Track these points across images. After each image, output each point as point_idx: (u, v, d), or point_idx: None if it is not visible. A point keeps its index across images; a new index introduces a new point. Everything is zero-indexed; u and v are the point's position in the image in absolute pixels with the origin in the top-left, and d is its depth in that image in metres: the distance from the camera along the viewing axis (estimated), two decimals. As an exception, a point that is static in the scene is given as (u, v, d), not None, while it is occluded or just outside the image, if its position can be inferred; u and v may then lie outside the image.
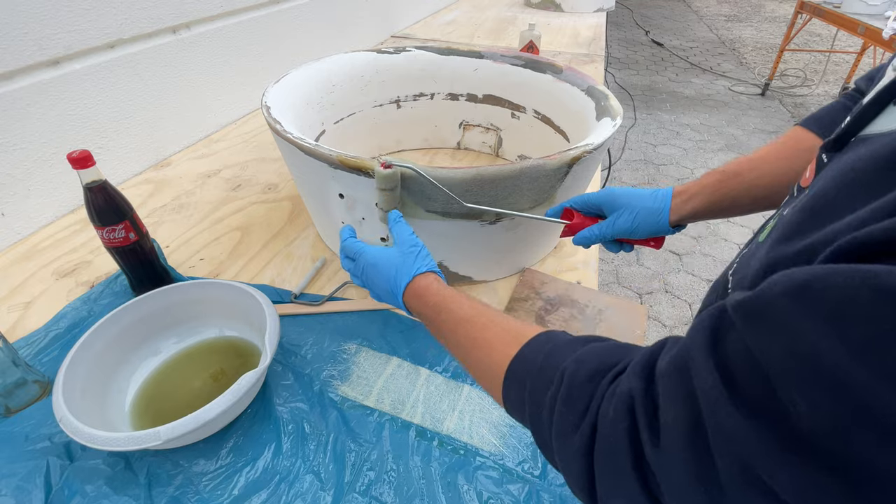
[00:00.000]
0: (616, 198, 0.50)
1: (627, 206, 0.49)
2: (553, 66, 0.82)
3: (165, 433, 0.40)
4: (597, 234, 0.51)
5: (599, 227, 0.51)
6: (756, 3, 6.59)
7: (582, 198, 0.54)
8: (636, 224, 0.49)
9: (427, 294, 0.40)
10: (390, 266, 0.43)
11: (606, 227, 0.50)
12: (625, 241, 0.52)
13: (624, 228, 0.49)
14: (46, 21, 0.69)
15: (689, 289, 1.77)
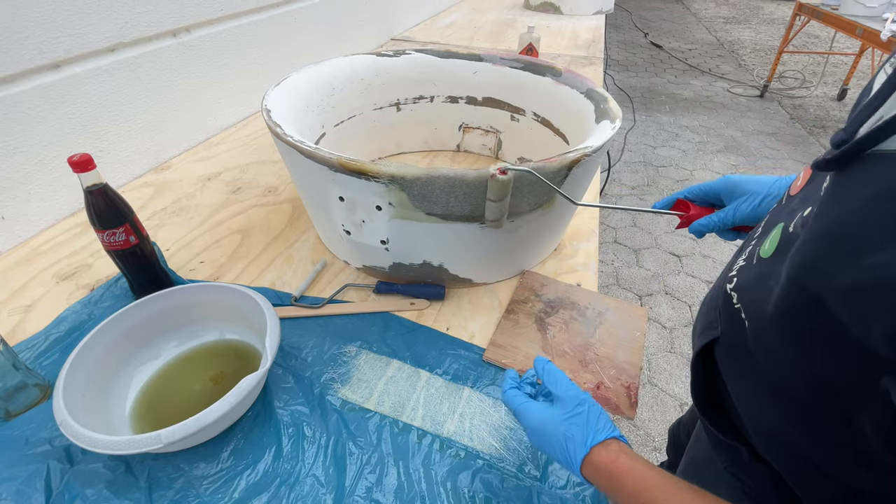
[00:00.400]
0: (737, 184, 0.51)
1: (750, 193, 0.49)
2: (552, 68, 0.82)
3: (166, 436, 0.40)
4: (716, 222, 0.51)
5: (719, 214, 0.51)
6: (754, 5, 6.61)
7: (698, 187, 0.54)
8: (759, 211, 0.48)
9: (618, 475, 0.34)
10: (557, 434, 0.37)
11: (728, 213, 0.50)
12: (740, 228, 0.52)
13: (746, 214, 0.49)
14: (47, 25, 0.70)
15: (689, 290, 1.77)
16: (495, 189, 0.48)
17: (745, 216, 0.49)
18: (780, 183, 0.49)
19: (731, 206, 0.50)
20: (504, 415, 0.50)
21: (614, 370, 0.54)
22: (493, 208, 0.51)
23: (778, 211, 0.38)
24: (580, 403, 0.38)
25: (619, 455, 0.35)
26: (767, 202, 0.48)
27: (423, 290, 0.64)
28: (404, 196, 0.52)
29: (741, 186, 0.50)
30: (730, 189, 0.51)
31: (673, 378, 1.43)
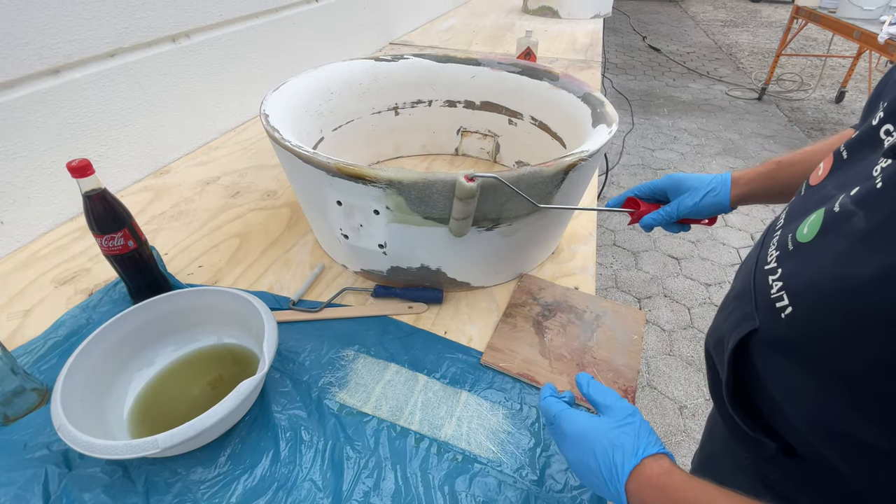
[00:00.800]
0: (680, 182, 0.57)
1: (692, 189, 0.55)
2: (549, 73, 0.82)
3: (163, 441, 0.40)
4: (663, 216, 0.57)
5: (666, 209, 0.57)
6: (752, 9, 6.64)
7: (645, 185, 0.60)
8: (701, 205, 0.55)
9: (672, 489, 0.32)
10: (604, 441, 0.35)
11: (672, 208, 0.56)
12: (684, 221, 0.58)
13: (688, 209, 0.55)
14: (46, 31, 0.70)
15: (687, 293, 1.77)
16: (460, 192, 0.49)
17: (689, 210, 0.55)
18: (718, 179, 0.56)
19: (676, 201, 0.57)
20: (502, 418, 0.50)
21: (612, 373, 0.55)
22: (457, 206, 0.51)
23: (803, 201, 0.40)
24: (632, 415, 0.37)
25: (673, 469, 0.33)
26: (709, 197, 0.55)
27: (421, 294, 0.64)
28: (402, 200, 0.52)
29: (685, 183, 0.56)
30: (674, 186, 0.57)
31: (672, 381, 1.43)
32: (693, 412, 1.34)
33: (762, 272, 0.40)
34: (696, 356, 1.51)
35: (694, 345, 1.55)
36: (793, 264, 0.36)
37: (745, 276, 0.44)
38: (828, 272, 0.31)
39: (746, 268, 0.45)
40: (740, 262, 1.91)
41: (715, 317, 0.51)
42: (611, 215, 2.23)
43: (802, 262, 0.35)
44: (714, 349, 0.47)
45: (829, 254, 0.32)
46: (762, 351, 0.39)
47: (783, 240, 0.39)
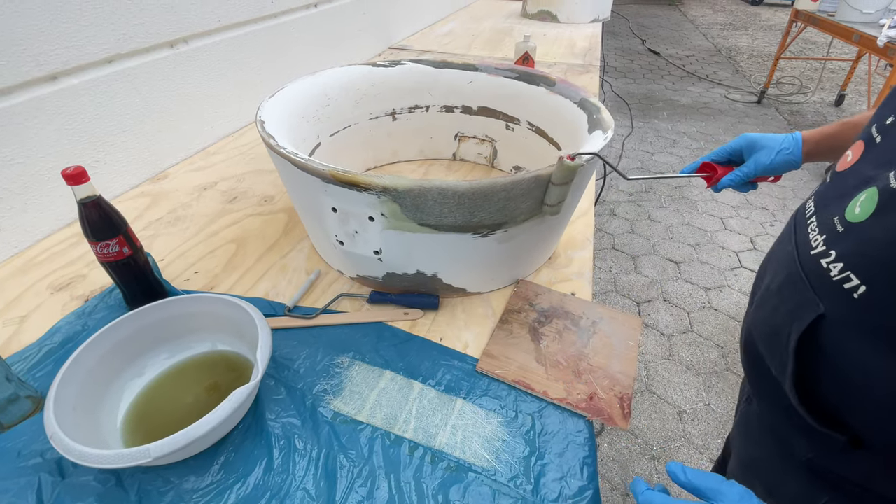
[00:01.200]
0: (755, 141, 0.60)
1: (767, 147, 0.59)
2: (546, 78, 0.82)
3: (155, 451, 0.39)
4: (741, 176, 0.61)
5: (742, 169, 0.61)
6: (751, 12, 6.66)
7: (722, 149, 0.65)
8: (775, 162, 0.59)
9: None
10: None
11: (749, 167, 0.60)
12: (754, 180, 0.62)
13: (765, 166, 0.59)
14: (44, 37, 0.70)
15: (687, 297, 1.77)
16: (561, 173, 0.51)
17: (764, 167, 0.59)
18: (790, 138, 0.59)
19: (752, 159, 0.60)
20: (497, 426, 0.50)
21: (608, 380, 0.54)
22: (554, 192, 0.53)
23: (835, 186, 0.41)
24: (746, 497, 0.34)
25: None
26: (783, 154, 0.59)
27: (417, 300, 0.64)
28: (396, 207, 0.52)
29: (759, 142, 0.60)
30: (749, 145, 0.61)
31: (671, 386, 1.42)
32: (692, 417, 1.33)
33: (810, 258, 0.40)
34: (696, 361, 1.51)
35: (693, 349, 1.55)
36: (848, 244, 0.36)
37: (787, 266, 0.44)
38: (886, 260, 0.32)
39: (783, 258, 0.45)
40: (740, 266, 1.92)
41: (752, 313, 0.51)
42: (609, 219, 2.23)
43: (861, 240, 0.35)
44: (766, 344, 0.46)
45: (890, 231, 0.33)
46: (833, 336, 0.39)
47: (826, 223, 0.39)
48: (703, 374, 1.46)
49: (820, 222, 0.40)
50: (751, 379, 0.53)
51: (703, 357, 1.51)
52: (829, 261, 0.38)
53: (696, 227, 2.16)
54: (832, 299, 0.37)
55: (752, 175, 0.60)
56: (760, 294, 0.50)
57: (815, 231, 0.41)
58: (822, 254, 0.39)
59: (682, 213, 2.27)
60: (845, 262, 0.36)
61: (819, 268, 0.39)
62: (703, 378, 1.44)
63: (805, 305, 0.40)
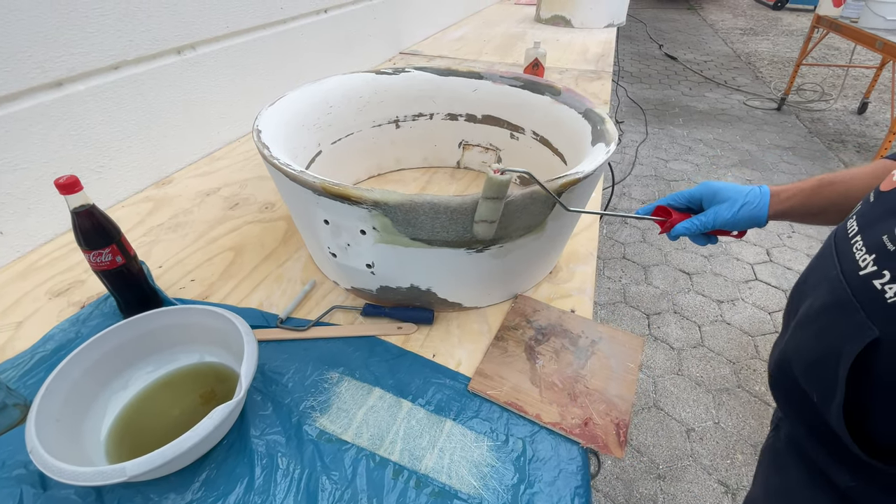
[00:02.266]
0: (717, 191, 0.55)
1: (729, 200, 0.54)
2: (551, 87, 0.81)
3: (131, 469, 0.39)
4: (697, 226, 0.55)
5: (700, 219, 0.55)
6: (773, 17, 6.52)
7: (679, 194, 0.59)
8: (738, 217, 0.53)
9: None
10: None
11: (708, 218, 0.54)
12: (713, 233, 0.57)
13: (725, 220, 0.53)
14: (50, 44, 0.71)
15: (698, 310, 1.72)
16: (489, 188, 0.46)
17: (725, 221, 0.54)
18: (756, 192, 0.54)
19: (711, 210, 0.55)
20: (486, 451, 0.48)
21: (604, 405, 0.52)
22: (484, 208, 0.48)
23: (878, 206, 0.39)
24: None
25: None
26: (746, 209, 0.53)
27: (412, 314, 0.63)
28: (388, 221, 0.51)
29: (721, 193, 0.55)
30: (710, 195, 0.56)
31: (680, 402, 1.38)
32: (701, 436, 1.29)
33: (859, 279, 0.38)
34: (706, 376, 1.47)
35: (704, 364, 1.51)
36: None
37: (832, 288, 0.41)
38: None
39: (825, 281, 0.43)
40: (755, 278, 1.86)
41: (787, 339, 0.48)
42: (620, 228, 2.19)
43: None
44: (808, 370, 0.44)
45: None
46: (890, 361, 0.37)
47: (875, 242, 0.37)
48: (713, 390, 1.42)
49: (867, 242, 0.38)
50: (784, 406, 0.50)
51: (713, 373, 1.47)
52: (884, 282, 0.36)
53: (710, 238, 2.11)
54: (888, 322, 0.35)
55: (710, 227, 0.55)
56: (799, 318, 0.47)
57: (861, 251, 0.39)
58: (873, 274, 0.37)
59: (696, 223, 2.22)
60: None
61: (871, 289, 0.37)
62: (714, 395, 1.40)
63: (857, 330, 0.38)
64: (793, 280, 1.86)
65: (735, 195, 0.54)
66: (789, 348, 0.47)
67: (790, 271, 1.90)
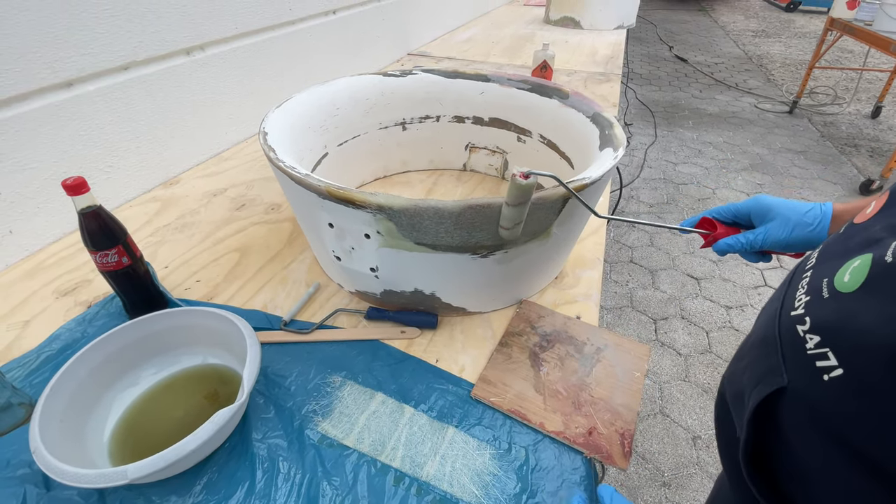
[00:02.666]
0: (770, 207, 0.49)
1: (783, 218, 0.48)
2: (559, 90, 0.80)
3: (133, 472, 0.39)
4: (744, 244, 0.50)
5: (748, 237, 0.50)
6: (785, 19, 6.45)
7: (726, 208, 0.54)
8: (791, 238, 0.47)
9: None
10: None
11: (757, 237, 0.49)
12: (766, 251, 0.51)
13: (777, 240, 0.48)
14: (60, 44, 0.71)
15: (706, 315, 1.70)
16: (514, 194, 0.45)
17: (776, 241, 0.48)
18: (816, 211, 0.47)
19: (762, 228, 0.49)
20: (488, 459, 0.48)
21: (609, 414, 0.52)
22: (508, 214, 0.47)
23: (843, 240, 0.35)
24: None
25: None
26: (800, 231, 0.47)
27: (415, 318, 0.62)
28: (392, 226, 0.50)
29: (775, 210, 0.49)
30: (762, 212, 0.50)
31: (686, 409, 1.37)
32: (708, 443, 1.27)
33: (788, 319, 0.35)
34: (713, 383, 1.45)
35: (711, 371, 1.49)
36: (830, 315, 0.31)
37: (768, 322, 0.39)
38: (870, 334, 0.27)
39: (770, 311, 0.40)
40: (764, 284, 1.84)
41: (731, 362, 0.47)
42: (628, 231, 2.17)
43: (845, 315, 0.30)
44: (732, 402, 0.42)
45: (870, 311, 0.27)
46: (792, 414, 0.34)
47: (815, 283, 0.34)
48: (720, 397, 1.40)
49: (811, 281, 0.35)
50: (717, 435, 0.48)
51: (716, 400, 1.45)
52: (805, 329, 0.33)
53: (719, 242, 2.09)
54: (799, 374, 0.33)
55: (757, 247, 0.49)
56: (740, 347, 0.45)
57: (802, 290, 0.35)
58: (798, 318, 0.34)
59: (705, 227, 2.19)
60: (822, 335, 0.31)
61: (794, 334, 0.34)
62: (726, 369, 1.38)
63: (771, 372, 0.35)
64: (803, 286, 1.83)
65: (789, 214, 0.48)
66: (725, 376, 0.46)
67: (800, 277, 1.87)
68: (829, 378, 0.29)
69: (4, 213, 0.70)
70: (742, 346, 0.44)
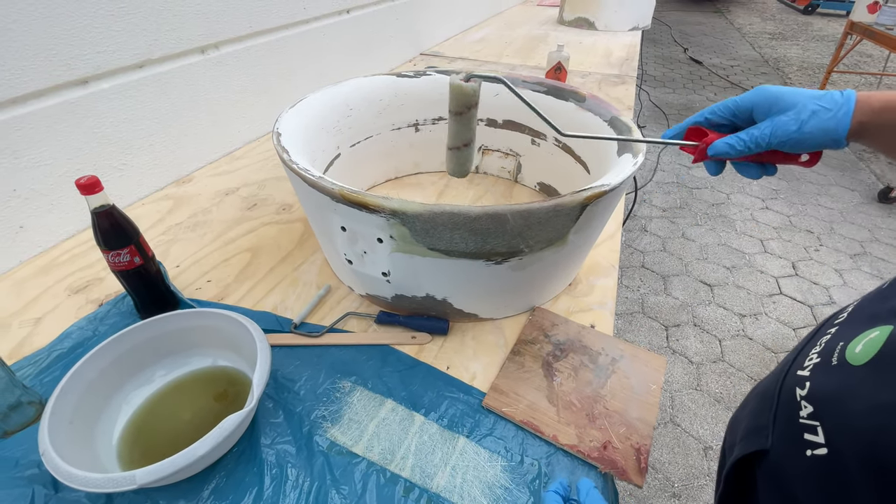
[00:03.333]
0: (778, 95, 0.38)
1: (795, 105, 0.38)
2: (576, 94, 0.78)
3: (141, 477, 0.38)
4: (747, 141, 0.39)
5: (750, 132, 0.39)
6: (802, 21, 6.34)
7: (723, 104, 0.42)
8: (805, 129, 0.37)
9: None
10: None
11: (762, 131, 0.38)
12: (769, 157, 0.41)
13: (788, 133, 0.37)
14: (76, 42, 0.72)
15: (719, 323, 1.68)
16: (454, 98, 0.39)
17: (786, 135, 0.37)
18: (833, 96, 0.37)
19: (768, 121, 0.38)
20: (500, 471, 0.47)
21: (624, 428, 0.50)
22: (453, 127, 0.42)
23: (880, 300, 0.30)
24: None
25: None
26: (818, 119, 0.37)
27: (426, 324, 0.61)
28: (406, 231, 0.49)
29: (785, 98, 0.38)
30: (768, 102, 0.39)
31: (697, 418, 1.34)
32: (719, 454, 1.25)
33: (793, 378, 0.32)
34: (725, 392, 1.42)
35: (724, 380, 1.46)
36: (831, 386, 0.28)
37: (776, 373, 0.36)
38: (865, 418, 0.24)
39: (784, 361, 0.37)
40: (779, 292, 1.80)
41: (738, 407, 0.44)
42: (640, 236, 2.14)
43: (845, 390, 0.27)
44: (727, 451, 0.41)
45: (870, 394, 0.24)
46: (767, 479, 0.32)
47: (831, 346, 0.30)
48: (732, 407, 1.37)
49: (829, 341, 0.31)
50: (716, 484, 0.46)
51: (733, 390, 1.42)
52: (802, 394, 0.30)
53: (734, 249, 2.05)
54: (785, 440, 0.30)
55: (764, 144, 0.38)
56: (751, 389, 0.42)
57: (818, 348, 0.32)
58: (801, 381, 0.30)
59: (719, 233, 2.16)
60: (815, 406, 0.28)
61: (793, 395, 0.31)
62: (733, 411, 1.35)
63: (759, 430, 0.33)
64: (819, 296, 1.79)
65: (803, 100, 0.38)
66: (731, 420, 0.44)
67: (816, 286, 1.84)
68: (812, 455, 0.27)
69: (19, 209, 0.71)
70: (752, 391, 0.42)
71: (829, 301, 1.75)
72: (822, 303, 1.75)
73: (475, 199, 0.91)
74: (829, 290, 1.82)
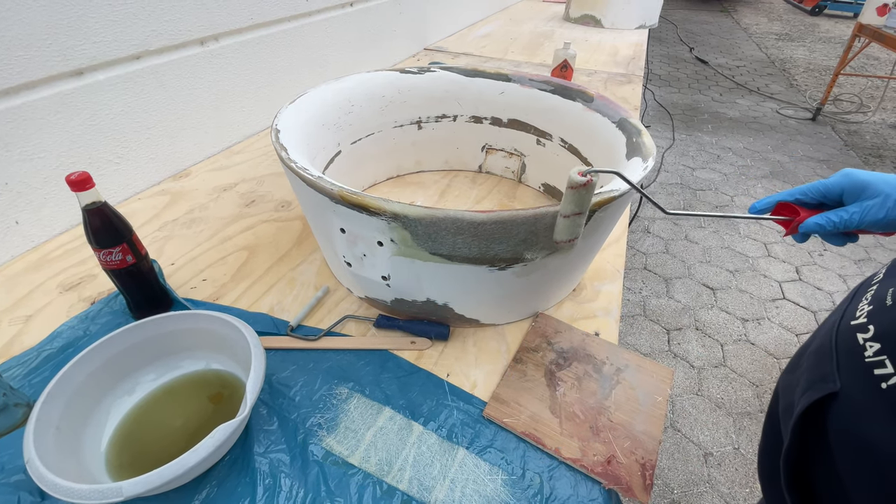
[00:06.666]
0: (864, 184, 0.43)
1: (881, 193, 0.43)
2: (583, 93, 0.77)
3: (128, 489, 0.37)
4: (837, 223, 0.44)
5: (840, 215, 0.44)
6: (810, 22, 6.29)
7: (812, 186, 0.47)
8: (891, 216, 0.42)
9: None
10: None
11: (852, 216, 0.43)
12: (854, 231, 0.46)
13: (876, 219, 0.42)
14: (71, 32, 0.70)
15: (721, 327, 1.66)
16: (573, 200, 0.39)
17: (875, 220, 0.42)
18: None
19: (858, 206, 0.43)
20: (500, 485, 0.45)
21: (629, 441, 0.49)
22: (563, 225, 0.42)
23: None
24: None
25: None
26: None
27: (426, 329, 0.60)
28: (407, 235, 0.48)
29: (870, 186, 0.43)
30: (855, 189, 0.44)
31: (698, 423, 1.33)
32: (719, 461, 1.24)
33: (847, 328, 0.35)
34: (727, 398, 1.41)
35: (725, 385, 1.45)
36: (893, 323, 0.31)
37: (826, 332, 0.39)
38: None
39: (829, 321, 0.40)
40: (782, 297, 1.79)
41: (784, 372, 0.46)
42: (642, 237, 2.12)
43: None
44: (783, 413, 0.42)
45: None
46: (840, 421, 0.34)
47: (881, 294, 0.34)
48: (734, 413, 1.36)
49: (877, 292, 0.35)
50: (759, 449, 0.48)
51: (735, 395, 1.41)
52: (867, 337, 0.33)
53: (737, 252, 2.04)
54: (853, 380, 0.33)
55: (853, 226, 0.44)
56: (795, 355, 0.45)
57: (866, 300, 0.35)
58: (860, 327, 0.34)
59: (723, 236, 2.14)
60: (883, 343, 0.31)
61: (853, 341, 0.34)
62: (734, 418, 1.34)
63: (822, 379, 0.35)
64: (822, 301, 1.78)
65: (888, 189, 0.43)
66: (779, 385, 0.46)
67: (820, 291, 1.82)
68: (887, 386, 0.30)
69: (12, 203, 0.69)
70: (797, 356, 0.44)
71: (832, 307, 1.73)
72: (825, 308, 1.74)
73: (478, 200, 0.89)
74: (832, 295, 1.80)
